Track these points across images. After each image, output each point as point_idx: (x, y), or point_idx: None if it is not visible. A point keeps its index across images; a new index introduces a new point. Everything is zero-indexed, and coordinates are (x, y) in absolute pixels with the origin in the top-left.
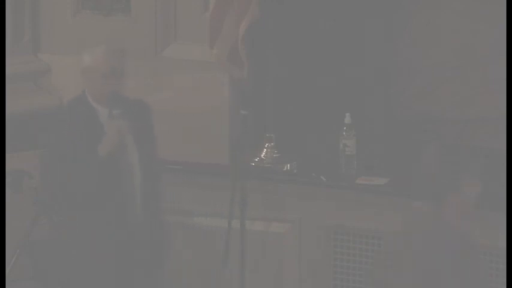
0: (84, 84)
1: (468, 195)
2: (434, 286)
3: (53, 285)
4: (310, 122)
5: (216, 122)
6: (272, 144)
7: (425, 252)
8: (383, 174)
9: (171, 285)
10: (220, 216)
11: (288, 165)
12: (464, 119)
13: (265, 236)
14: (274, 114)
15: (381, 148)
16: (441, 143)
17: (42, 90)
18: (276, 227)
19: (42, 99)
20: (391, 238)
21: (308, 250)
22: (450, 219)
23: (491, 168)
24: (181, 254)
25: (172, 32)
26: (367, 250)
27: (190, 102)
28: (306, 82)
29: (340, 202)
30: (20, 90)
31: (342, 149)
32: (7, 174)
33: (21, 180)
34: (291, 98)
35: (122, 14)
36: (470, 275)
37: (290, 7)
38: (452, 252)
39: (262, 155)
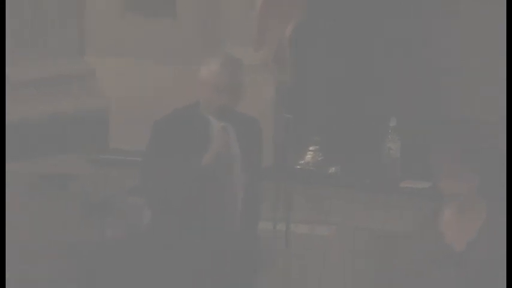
0: (199, 94)
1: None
2: None
3: None
4: (355, 124)
5: (262, 125)
6: (317, 147)
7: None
8: (427, 178)
9: None
10: (265, 219)
11: (333, 168)
12: None
13: (309, 238)
14: (319, 117)
15: (425, 151)
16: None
17: (87, 92)
18: (320, 230)
19: (87, 101)
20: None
21: (351, 253)
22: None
23: None
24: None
25: (218, 35)
26: (410, 254)
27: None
28: (351, 84)
29: (383, 205)
30: (65, 92)
31: (387, 152)
32: (52, 177)
33: (66, 183)
34: (336, 100)
35: (167, 17)
36: None
37: (336, 8)
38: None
39: (306, 158)
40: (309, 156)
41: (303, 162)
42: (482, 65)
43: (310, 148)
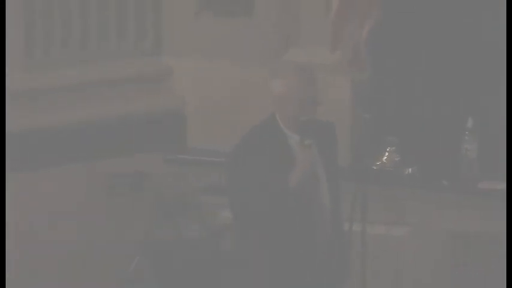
0: (275, 109)
1: None
2: None
3: None
4: (432, 125)
5: (338, 126)
6: (394, 148)
7: None
8: (504, 179)
9: None
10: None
11: (410, 169)
12: None
13: (385, 239)
14: (396, 117)
15: (503, 152)
16: None
17: (165, 92)
18: (396, 231)
19: (164, 101)
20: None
21: (428, 254)
22: None
23: None
24: None
25: (293, 35)
26: (486, 255)
27: None
28: (428, 85)
29: (461, 207)
30: (142, 92)
31: (464, 153)
32: (127, 176)
33: (141, 181)
34: (413, 101)
35: (243, 17)
36: None
37: (412, 6)
38: None
39: (383, 159)
40: (385, 157)
41: (379, 163)
42: None
43: (387, 149)
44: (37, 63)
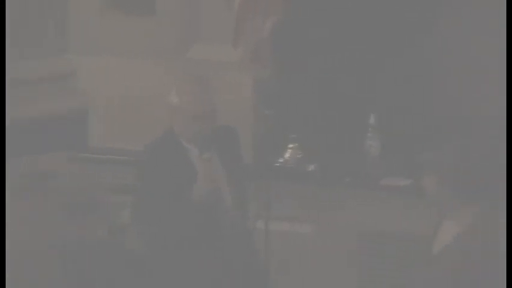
0: (173, 122)
1: None
2: None
3: None
4: (335, 122)
5: (240, 123)
6: (296, 144)
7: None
8: (408, 175)
9: None
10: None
11: (312, 166)
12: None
13: (289, 236)
14: (298, 114)
15: (406, 149)
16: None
17: (68, 92)
18: (300, 228)
19: (68, 100)
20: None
21: (332, 252)
22: None
23: None
24: None
25: (196, 33)
26: (391, 252)
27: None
28: (331, 82)
29: (364, 203)
30: (45, 92)
31: (367, 150)
32: (31, 175)
33: (45, 181)
34: (316, 98)
35: (146, 15)
36: None
37: (315, 7)
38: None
39: (286, 156)
40: (288, 154)
41: (282, 160)
42: (467, 63)
43: (290, 146)
44: None
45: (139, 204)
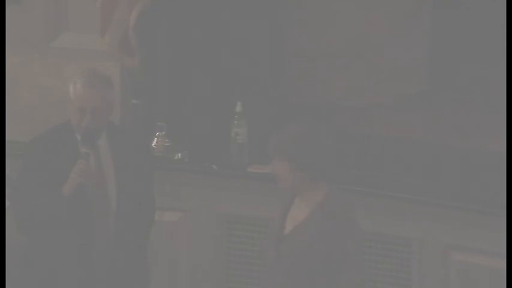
0: (68, 114)
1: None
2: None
3: None
4: (202, 110)
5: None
6: (163, 133)
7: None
8: None
9: None
10: None
11: (179, 154)
12: (358, 107)
13: (158, 225)
14: (165, 103)
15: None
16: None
17: None
18: (169, 216)
19: None
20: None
21: (201, 239)
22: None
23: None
24: None
25: (63, 22)
26: (260, 239)
27: None
28: (197, 71)
29: (231, 190)
30: None
31: (234, 138)
32: None
33: None
34: (183, 87)
35: (13, 3)
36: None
37: None
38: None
39: (153, 144)
40: (155, 142)
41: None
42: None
43: (157, 134)
44: None
45: (16, 195)
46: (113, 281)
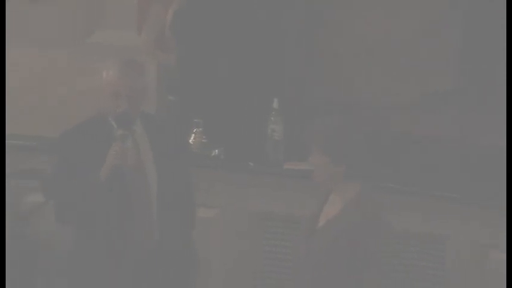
0: (103, 99)
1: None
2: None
3: None
4: (239, 107)
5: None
6: (200, 129)
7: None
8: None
9: None
10: None
11: (216, 150)
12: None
13: None
14: (202, 99)
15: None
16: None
17: None
18: (203, 213)
19: None
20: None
21: (235, 236)
22: None
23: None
24: None
25: (100, 18)
26: (295, 236)
27: None
28: (234, 67)
29: (267, 187)
30: None
31: (270, 134)
32: None
33: None
34: (220, 83)
35: (49, 1)
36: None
37: None
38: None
39: (190, 141)
40: (192, 139)
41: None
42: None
43: (194, 130)
44: None
45: (53, 182)
46: (156, 270)
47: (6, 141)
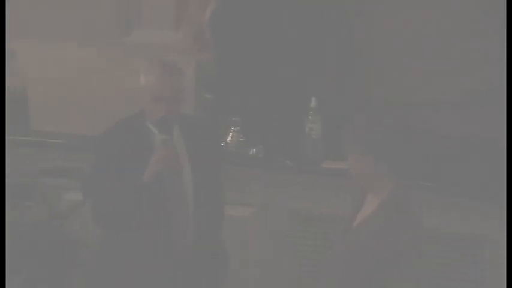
0: (141, 104)
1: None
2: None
3: None
4: (276, 106)
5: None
6: (238, 128)
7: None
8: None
9: None
10: None
11: (254, 149)
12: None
13: (230, 220)
14: (240, 98)
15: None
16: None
17: (8, 74)
18: (241, 211)
19: (7, 83)
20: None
21: (272, 234)
22: None
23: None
24: None
25: (137, 17)
26: (330, 234)
27: None
28: (271, 65)
29: (305, 186)
30: None
31: (308, 133)
32: None
33: None
34: (257, 81)
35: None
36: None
37: None
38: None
39: (227, 139)
40: (230, 137)
41: (223, 143)
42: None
43: (231, 129)
44: None
45: (91, 183)
46: (192, 271)
47: (33, 140)
